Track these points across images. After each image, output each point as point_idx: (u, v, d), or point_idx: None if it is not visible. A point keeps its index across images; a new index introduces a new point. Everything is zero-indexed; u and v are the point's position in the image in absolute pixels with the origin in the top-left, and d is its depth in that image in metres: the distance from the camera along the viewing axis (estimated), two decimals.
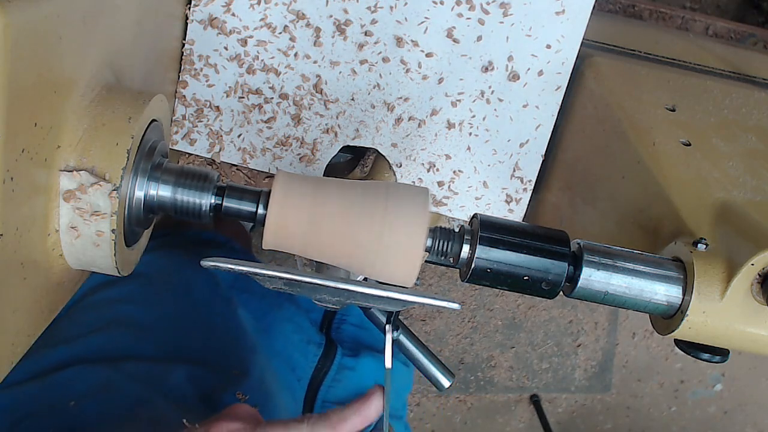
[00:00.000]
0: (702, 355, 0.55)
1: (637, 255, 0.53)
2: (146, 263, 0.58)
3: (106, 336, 0.73)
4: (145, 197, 0.51)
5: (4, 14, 0.36)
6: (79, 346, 0.71)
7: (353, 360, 0.90)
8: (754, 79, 0.94)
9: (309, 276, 0.48)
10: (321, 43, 0.74)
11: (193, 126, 0.76)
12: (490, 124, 0.77)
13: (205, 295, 0.81)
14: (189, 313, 0.79)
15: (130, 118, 0.48)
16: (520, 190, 0.80)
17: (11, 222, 0.41)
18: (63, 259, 0.49)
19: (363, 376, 0.89)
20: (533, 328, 2.00)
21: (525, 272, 0.50)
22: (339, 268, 0.65)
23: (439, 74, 0.75)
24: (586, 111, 0.78)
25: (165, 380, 0.70)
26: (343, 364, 0.89)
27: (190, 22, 0.72)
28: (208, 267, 0.47)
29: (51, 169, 0.45)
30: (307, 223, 0.48)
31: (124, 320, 0.75)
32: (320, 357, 0.89)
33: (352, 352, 0.91)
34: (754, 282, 0.51)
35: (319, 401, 0.86)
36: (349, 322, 0.94)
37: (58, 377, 0.67)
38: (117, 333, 0.73)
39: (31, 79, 0.40)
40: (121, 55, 0.55)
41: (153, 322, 0.76)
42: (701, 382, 2.17)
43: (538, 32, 0.74)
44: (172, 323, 0.77)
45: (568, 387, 2.08)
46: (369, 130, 0.77)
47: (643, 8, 1.16)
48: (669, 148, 0.66)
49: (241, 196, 0.51)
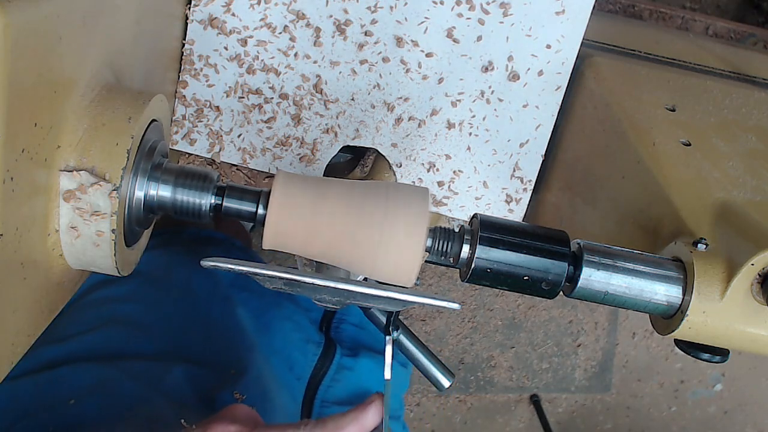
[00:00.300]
0: (702, 355, 0.55)
1: (637, 255, 0.53)
2: (145, 262, 0.58)
3: (104, 334, 0.73)
4: (145, 197, 0.51)
5: (4, 14, 0.36)
6: (76, 344, 0.71)
7: (352, 360, 0.90)
8: (754, 79, 0.94)
9: (309, 276, 0.48)
10: (321, 43, 0.74)
11: (193, 126, 0.76)
12: (490, 124, 0.77)
13: (203, 293, 0.81)
14: (187, 311, 0.79)
15: (130, 118, 0.48)
16: (520, 190, 0.80)
17: (11, 222, 0.41)
18: (63, 259, 0.49)
19: (362, 376, 0.89)
20: (533, 328, 2.00)
21: (525, 272, 0.50)
22: (339, 268, 0.65)
23: (439, 74, 0.75)
24: (586, 111, 0.78)
25: (163, 379, 0.70)
26: (342, 363, 0.89)
27: (190, 22, 0.72)
28: (207, 267, 0.47)
29: (51, 169, 0.45)
30: (307, 223, 0.48)
31: (122, 318, 0.75)
32: (319, 356, 0.89)
33: (351, 351, 0.91)
34: (754, 282, 0.51)
35: (318, 401, 0.86)
36: (349, 321, 0.94)
37: (54, 374, 0.67)
38: (115, 331, 0.73)
39: (31, 79, 0.40)
40: (121, 55, 0.55)
41: (151, 320, 0.76)
42: (701, 382, 2.17)
43: (538, 32, 0.74)
44: (171, 322, 0.77)
45: (568, 387, 2.08)
46: (369, 130, 0.77)
47: (643, 8, 1.16)
48: (669, 148, 0.66)
49: (241, 196, 0.51)
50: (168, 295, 0.79)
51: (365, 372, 0.90)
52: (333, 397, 0.87)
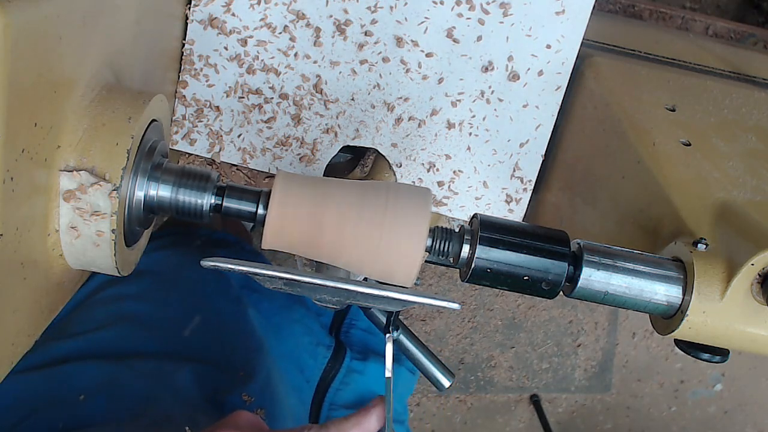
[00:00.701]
0: (702, 355, 0.55)
1: (637, 255, 0.53)
2: (156, 261, 0.58)
3: (113, 332, 0.73)
4: (145, 197, 0.51)
5: (4, 14, 0.36)
6: (86, 341, 0.71)
7: (362, 364, 0.90)
8: (754, 79, 0.94)
9: (309, 276, 0.48)
10: (321, 43, 0.74)
11: (193, 126, 0.76)
12: (490, 124, 0.77)
13: (214, 294, 0.81)
14: (198, 312, 0.79)
15: (130, 118, 0.48)
16: (520, 190, 0.80)
17: (11, 222, 0.41)
18: (63, 259, 0.49)
19: (371, 380, 0.89)
20: (533, 328, 2.00)
21: (525, 272, 0.50)
22: (339, 268, 0.65)
23: (439, 74, 0.75)
24: (586, 111, 0.78)
25: (172, 378, 0.70)
26: (351, 367, 0.89)
27: (190, 22, 0.72)
28: (208, 267, 0.47)
29: (51, 169, 0.45)
30: (307, 223, 0.48)
31: (132, 317, 0.75)
32: (329, 359, 0.89)
33: (360, 355, 0.91)
34: (754, 282, 0.51)
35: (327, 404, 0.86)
36: (358, 326, 0.94)
37: (63, 370, 0.67)
38: (124, 329, 0.73)
39: (31, 79, 0.40)
40: (121, 55, 0.55)
41: (161, 319, 0.76)
42: (701, 382, 2.17)
43: (538, 32, 0.74)
44: (180, 322, 0.77)
45: (568, 387, 2.08)
46: (369, 130, 0.77)
47: (643, 8, 1.16)
48: (669, 148, 0.66)
49: (241, 196, 0.51)
50: (178, 295, 0.79)
51: (374, 376, 0.90)
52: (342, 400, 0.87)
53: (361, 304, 0.52)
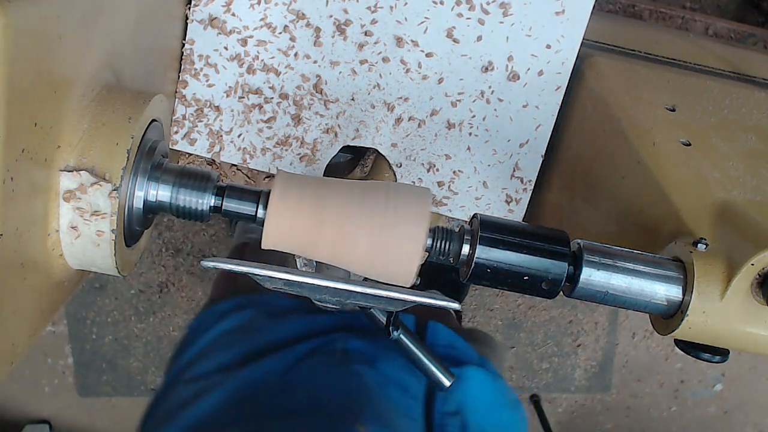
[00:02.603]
0: (702, 355, 0.55)
1: (637, 255, 0.53)
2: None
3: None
4: (145, 197, 0.51)
5: (4, 14, 0.36)
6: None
7: (458, 370, 0.90)
8: (754, 79, 0.94)
9: (309, 276, 0.48)
10: (321, 43, 0.74)
11: (193, 126, 0.76)
12: (490, 124, 0.77)
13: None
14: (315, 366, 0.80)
15: (130, 118, 0.48)
16: (520, 190, 0.80)
17: (11, 222, 0.41)
18: (63, 259, 0.49)
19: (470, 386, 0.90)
20: (533, 328, 2.00)
21: (525, 272, 0.50)
22: (339, 268, 0.65)
23: (439, 74, 0.75)
24: (586, 111, 0.78)
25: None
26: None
27: (190, 22, 0.72)
28: (208, 267, 0.47)
29: (51, 169, 0.45)
30: (307, 224, 0.48)
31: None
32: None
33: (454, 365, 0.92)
34: (754, 282, 0.51)
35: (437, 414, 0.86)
36: (440, 344, 0.95)
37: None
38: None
39: (31, 79, 0.40)
40: (121, 55, 0.55)
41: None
42: (701, 382, 2.17)
43: (538, 32, 0.74)
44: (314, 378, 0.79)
45: (568, 387, 2.08)
46: (369, 130, 0.77)
47: (643, 8, 1.16)
48: (669, 148, 0.66)
49: (241, 196, 0.51)
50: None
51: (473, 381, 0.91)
52: (449, 408, 0.87)
53: (361, 304, 0.52)
